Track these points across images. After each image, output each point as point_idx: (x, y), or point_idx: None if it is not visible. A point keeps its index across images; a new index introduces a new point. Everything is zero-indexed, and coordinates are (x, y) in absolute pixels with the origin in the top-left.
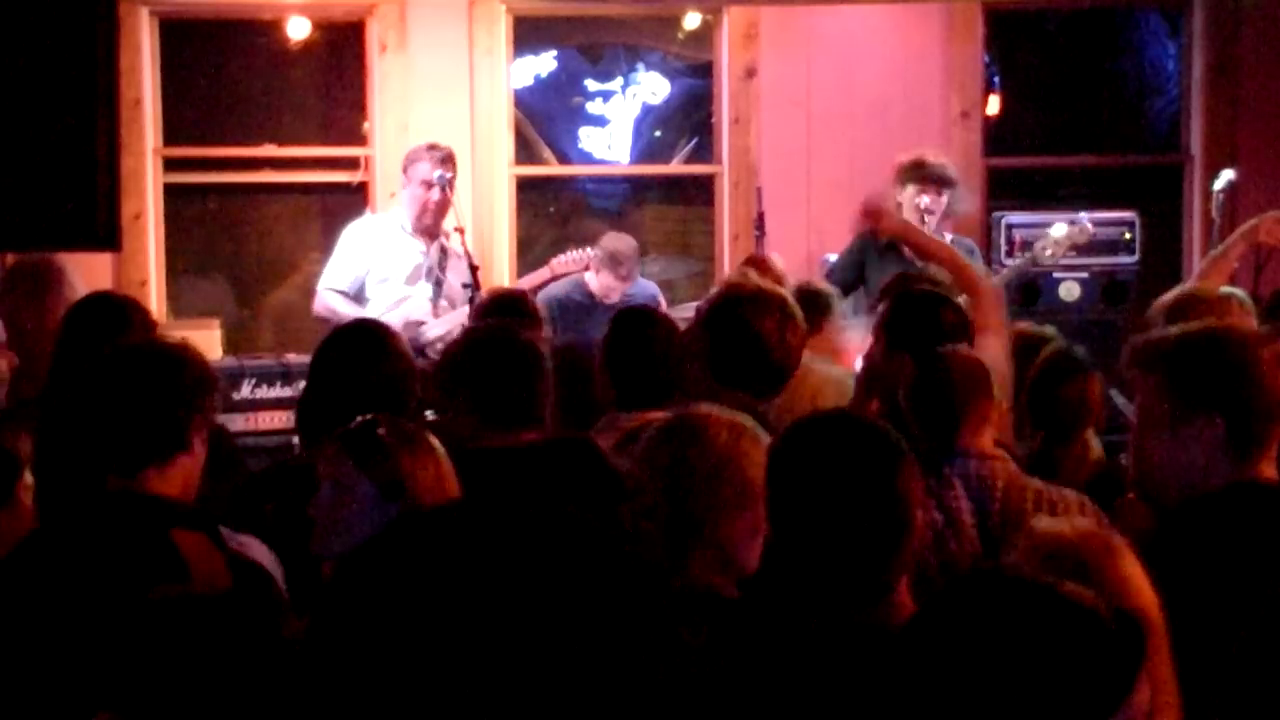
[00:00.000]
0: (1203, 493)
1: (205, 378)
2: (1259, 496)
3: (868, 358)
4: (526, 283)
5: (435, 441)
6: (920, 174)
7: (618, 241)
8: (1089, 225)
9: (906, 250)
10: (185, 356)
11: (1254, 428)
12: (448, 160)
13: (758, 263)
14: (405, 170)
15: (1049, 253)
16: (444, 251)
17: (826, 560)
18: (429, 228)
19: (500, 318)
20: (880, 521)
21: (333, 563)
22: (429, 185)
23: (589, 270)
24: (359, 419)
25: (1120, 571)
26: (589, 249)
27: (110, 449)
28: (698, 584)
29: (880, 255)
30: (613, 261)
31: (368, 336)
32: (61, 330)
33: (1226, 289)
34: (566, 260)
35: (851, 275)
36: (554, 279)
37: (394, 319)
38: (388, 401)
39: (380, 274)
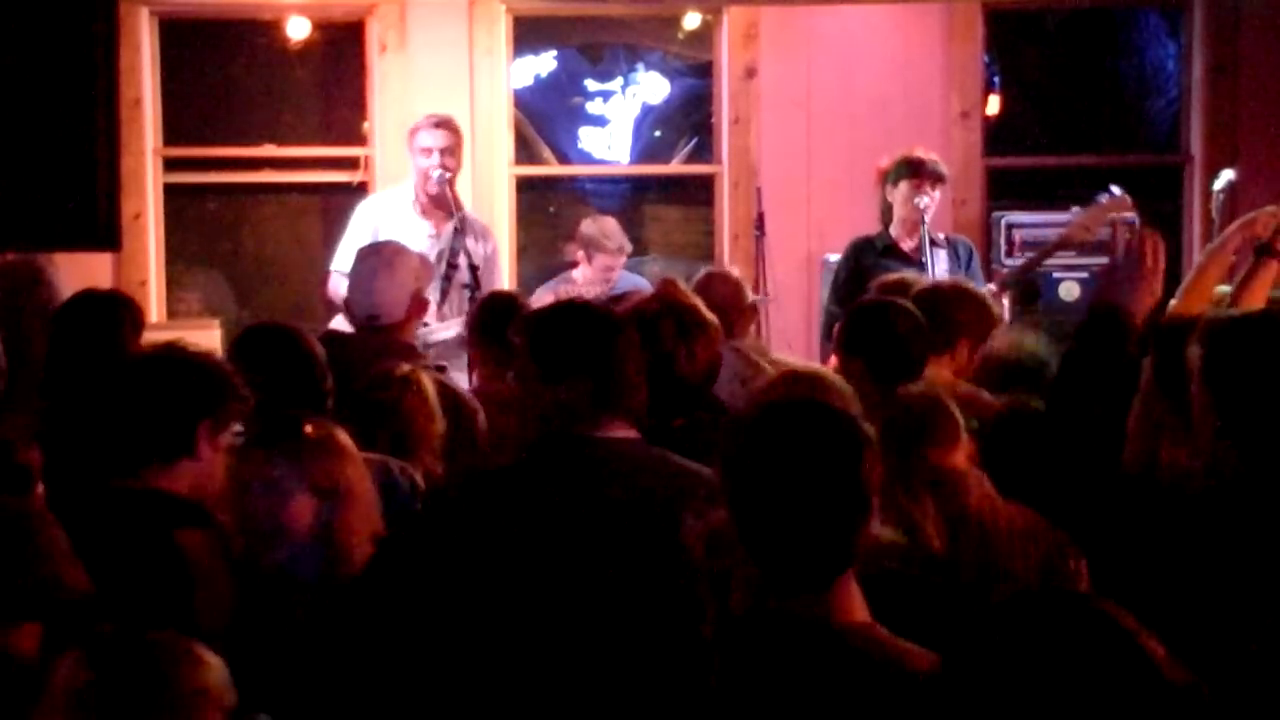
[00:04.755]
0: None
1: (218, 386)
2: None
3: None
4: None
5: (346, 437)
6: (917, 171)
7: (592, 225)
8: (1126, 197)
9: (905, 248)
10: (198, 364)
11: None
12: (442, 125)
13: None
14: (409, 144)
15: (1082, 229)
16: (460, 230)
17: (777, 539)
18: (435, 198)
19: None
20: (832, 504)
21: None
22: (428, 152)
23: (578, 268)
24: (272, 418)
25: None
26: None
27: (113, 450)
28: None
29: (880, 256)
30: (601, 237)
31: (279, 337)
32: (54, 328)
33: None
34: (572, 289)
35: (856, 286)
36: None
37: None
38: (302, 403)
39: None
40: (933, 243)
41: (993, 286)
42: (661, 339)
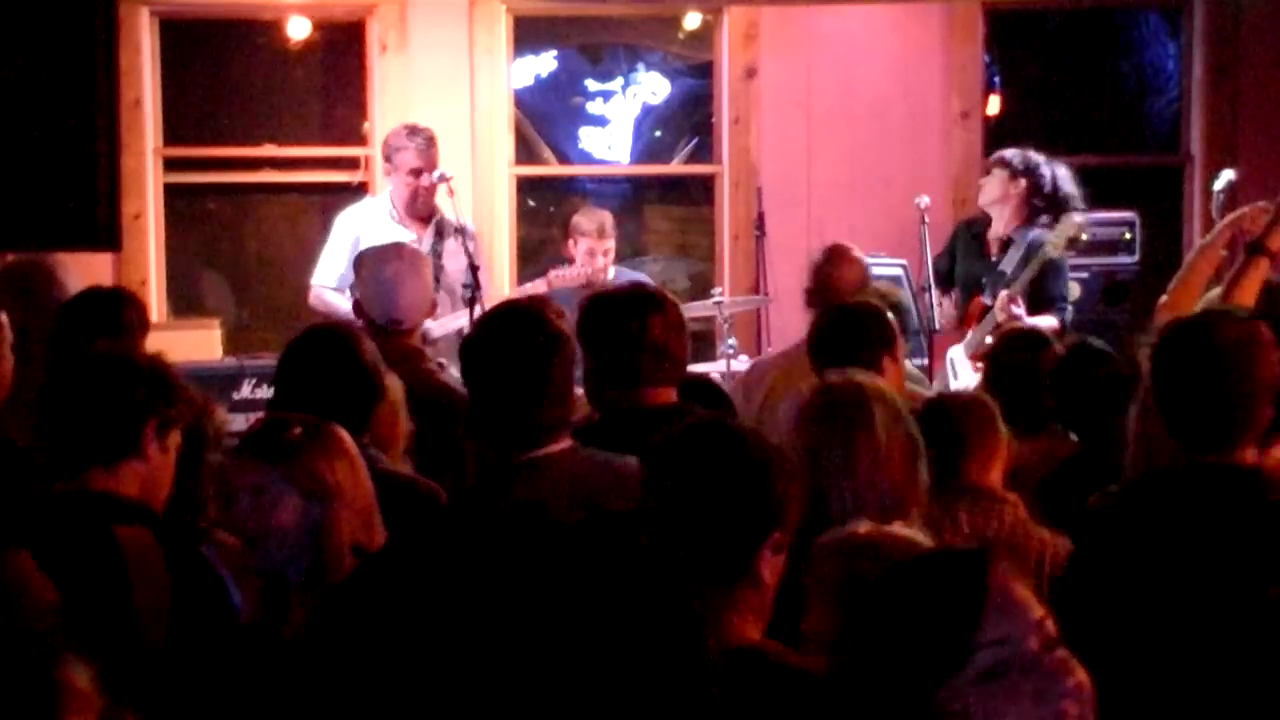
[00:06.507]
0: None
1: (163, 387)
2: None
3: None
4: (522, 293)
5: (346, 436)
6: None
7: (578, 215)
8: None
9: (990, 245)
10: (142, 365)
11: None
12: (431, 144)
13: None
14: (389, 158)
15: (1053, 249)
16: (439, 234)
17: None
18: (421, 213)
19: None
20: (734, 522)
21: (264, 578)
22: (417, 173)
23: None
24: (261, 421)
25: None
26: (586, 268)
27: (58, 451)
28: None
29: (966, 246)
30: (582, 221)
31: (334, 340)
32: (55, 326)
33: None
34: (564, 274)
35: (944, 266)
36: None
37: None
38: (353, 407)
39: None
40: (1010, 241)
41: (1007, 292)
42: (637, 308)
